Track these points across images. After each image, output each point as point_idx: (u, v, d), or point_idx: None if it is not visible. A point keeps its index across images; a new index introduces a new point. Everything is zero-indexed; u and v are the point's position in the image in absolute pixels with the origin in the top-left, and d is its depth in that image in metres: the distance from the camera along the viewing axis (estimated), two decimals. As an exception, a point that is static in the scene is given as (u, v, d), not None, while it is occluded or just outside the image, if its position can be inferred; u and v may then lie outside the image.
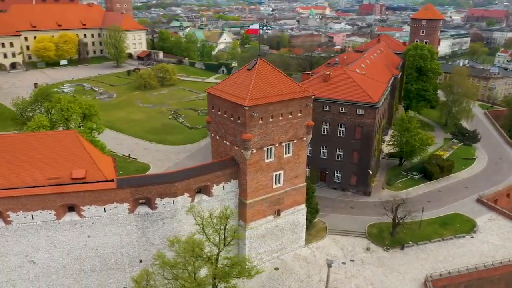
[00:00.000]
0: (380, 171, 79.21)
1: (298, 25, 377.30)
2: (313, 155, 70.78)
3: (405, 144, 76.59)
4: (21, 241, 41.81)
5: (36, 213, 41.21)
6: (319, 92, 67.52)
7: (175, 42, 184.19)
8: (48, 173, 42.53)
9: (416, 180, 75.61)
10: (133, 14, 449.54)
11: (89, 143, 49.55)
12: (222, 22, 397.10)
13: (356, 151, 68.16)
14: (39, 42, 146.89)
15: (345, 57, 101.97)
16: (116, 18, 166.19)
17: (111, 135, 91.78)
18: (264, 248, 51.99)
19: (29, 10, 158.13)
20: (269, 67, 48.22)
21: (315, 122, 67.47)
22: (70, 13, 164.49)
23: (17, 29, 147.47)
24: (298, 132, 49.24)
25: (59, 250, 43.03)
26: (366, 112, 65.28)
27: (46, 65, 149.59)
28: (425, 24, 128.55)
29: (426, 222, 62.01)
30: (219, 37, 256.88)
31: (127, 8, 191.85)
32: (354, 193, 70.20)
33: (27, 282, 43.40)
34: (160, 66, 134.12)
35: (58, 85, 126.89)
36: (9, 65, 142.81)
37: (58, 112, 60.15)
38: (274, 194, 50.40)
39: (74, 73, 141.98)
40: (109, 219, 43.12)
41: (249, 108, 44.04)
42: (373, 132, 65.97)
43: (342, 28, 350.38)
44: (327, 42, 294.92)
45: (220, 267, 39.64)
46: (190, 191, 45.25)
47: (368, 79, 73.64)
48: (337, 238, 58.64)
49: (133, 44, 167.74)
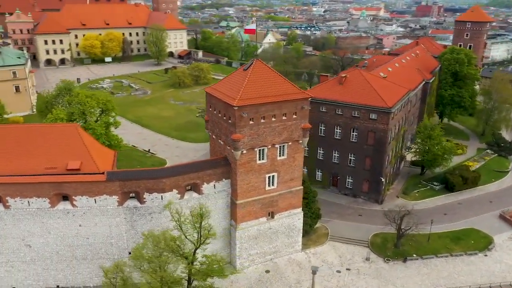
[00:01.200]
0: (399, 179, 76.01)
1: (348, 26, 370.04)
2: (325, 159, 69.48)
3: (427, 153, 72.91)
4: (18, 226, 44.58)
5: (32, 200, 43.75)
6: (332, 95, 66.39)
7: (216, 42, 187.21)
8: (46, 163, 45.02)
9: (436, 191, 71.72)
10: (186, 14, 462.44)
11: (90, 137, 51.66)
12: (271, 22, 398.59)
13: (369, 157, 65.90)
14: (86, 40, 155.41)
15: (374, 60, 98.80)
16: (160, 17, 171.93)
17: (137, 130, 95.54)
18: (256, 250, 51.65)
19: (80, 9, 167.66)
20: (265, 68, 47.86)
21: (328, 125, 66.87)
22: (118, 12, 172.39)
23: (69, 27, 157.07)
24: (293, 134, 48.45)
25: (53, 236, 45.40)
26: (379, 117, 62.93)
27: (92, 62, 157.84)
28: (469, 27, 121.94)
29: (437, 235, 58.74)
30: (263, 37, 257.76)
31: (172, 8, 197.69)
32: (365, 200, 67.91)
33: (24, 265, 46.19)
34: (195, 65, 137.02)
35: (99, 81, 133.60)
36: (59, 60, 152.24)
37: (76, 106, 63.25)
38: (267, 196, 49.93)
39: (116, 70, 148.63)
40: (99, 210, 44.86)
41: (238, 108, 43.99)
42: (386, 138, 63.42)
43: (393, 30, 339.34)
44: (375, 44, 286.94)
45: (197, 265, 39.89)
46: (179, 188, 45.96)
47: (387, 83, 70.87)
48: (338, 245, 57.02)
49: (175, 43, 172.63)
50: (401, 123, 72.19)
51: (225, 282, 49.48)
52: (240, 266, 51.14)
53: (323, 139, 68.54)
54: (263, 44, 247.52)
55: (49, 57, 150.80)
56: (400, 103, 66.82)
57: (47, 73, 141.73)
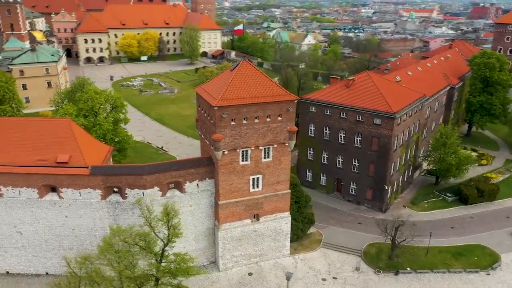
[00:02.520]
0: (410, 188, 72.67)
1: (394, 28, 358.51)
2: (329, 163, 67.88)
3: (441, 162, 69.12)
4: (10, 213, 47.16)
5: (22, 189, 46.14)
6: (337, 98, 64.78)
7: (251, 42, 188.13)
8: (38, 155, 47.18)
9: (448, 203, 67.85)
10: (232, 15, 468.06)
11: (83, 132, 53.47)
12: (316, 24, 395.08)
13: (373, 164, 63.54)
14: (124, 39, 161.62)
15: (398, 63, 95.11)
16: (196, 18, 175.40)
17: (155, 127, 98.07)
18: (240, 252, 51.33)
19: (121, 9, 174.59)
20: (252, 69, 47.47)
21: (332, 129, 65.30)
22: (156, 12, 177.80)
23: (109, 26, 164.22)
24: (278, 136, 47.67)
25: (42, 225, 47.60)
26: (384, 122, 60.50)
27: (129, 60, 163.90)
28: (511, 30, 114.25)
29: (437, 249, 55.58)
30: (303, 38, 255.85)
31: (210, 9, 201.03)
32: (368, 208, 65.53)
33: (17, 250, 48.78)
34: (223, 65, 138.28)
35: (131, 79, 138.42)
36: (97, 58, 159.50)
37: (85, 102, 65.85)
38: (251, 198, 49.48)
39: (150, 69, 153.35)
40: (83, 203, 46.49)
41: (218, 108, 43.98)
42: (390, 145, 60.83)
43: (442, 32, 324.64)
44: (421, 47, 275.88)
45: (164, 264, 40.15)
46: (161, 185, 46.65)
47: (399, 88, 67.98)
48: (329, 253, 55.42)
49: (209, 43, 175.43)
50: (413, 129, 68.94)
51: (206, 282, 49.80)
52: (223, 266, 51.06)
53: (328, 143, 66.98)
54: (302, 45, 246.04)
55: (88, 55, 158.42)
56: (409, 108, 63.80)
57: (85, 70, 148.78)
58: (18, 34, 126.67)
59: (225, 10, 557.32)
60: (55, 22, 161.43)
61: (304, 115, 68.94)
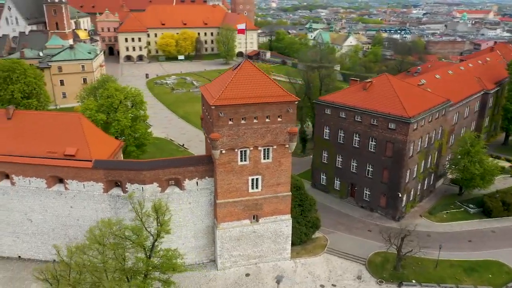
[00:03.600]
0: (431, 197, 69.31)
1: (444, 30, 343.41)
2: (343, 167, 66.19)
3: (464, 171, 65.37)
4: (21, 201, 49.85)
5: (32, 179, 48.65)
6: (353, 100, 63.15)
7: (288, 43, 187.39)
8: (49, 147, 49.53)
9: (470, 214, 64.05)
10: (277, 16, 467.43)
11: (94, 127, 55.40)
12: (362, 25, 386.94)
13: (386, 170, 61.24)
14: (162, 38, 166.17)
15: (429, 66, 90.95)
16: (233, 18, 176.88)
17: (181, 125, 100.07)
18: (239, 252, 51.16)
19: (162, 10, 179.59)
20: (253, 69, 47.30)
21: (347, 132, 63.73)
22: (195, 13, 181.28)
23: (149, 26, 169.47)
24: (278, 138, 47.04)
25: (50, 214, 49.93)
26: (398, 127, 58.11)
27: (166, 59, 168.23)
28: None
29: (449, 263, 52.64)
30: (344, 40, 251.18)
31: (249, 9, 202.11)
32: (382, 216, 63.21)
33: (27, 237, 51.49)
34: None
35: (165, 77, 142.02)
36: (136, 57, 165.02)
37: (105, 98, 68.30)
38: (250, 199, 49.19)
39: (185, 68, 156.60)
40: (87, 195, 48.26)
41: (216, 107, 44.11)
42: (405, 151, 58.32)
43: (497, 35, 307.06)
44: (471, 50, 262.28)
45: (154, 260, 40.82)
46: (160, 181, 47.48)
47: (420, 91, 64.97)
48: (332, 259, 53.98)
49: (245, 43, 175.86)
50: (435, 135, 65.66)
51: (203, 280, 50.14)
52: (221, 265, 51.14)
53: (342, 146, 65.32)
54: (343, 46, 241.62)
55: (128, 54, 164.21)
56: (428, 113, 60.82)
57: (123, 68, 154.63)
58: (62, 33, 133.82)
59: (270, 10, 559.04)
60: (99, 21, 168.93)
61: (319, 117, 67.67)
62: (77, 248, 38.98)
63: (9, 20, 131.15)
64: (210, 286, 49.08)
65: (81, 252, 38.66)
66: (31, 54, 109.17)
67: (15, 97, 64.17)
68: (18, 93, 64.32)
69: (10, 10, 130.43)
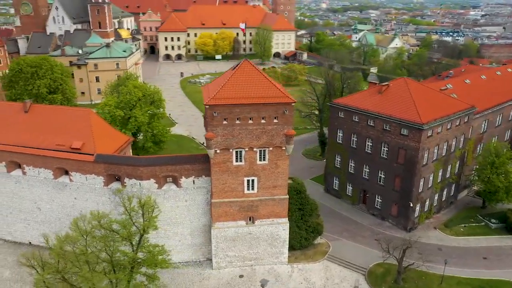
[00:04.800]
0: (451, 208, 65.50)
1: (502, 32, 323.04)
2: (355, 173, 64.12)
3: (487, 183, 61.18)
4: (31, 190, 52.54)
5: (41, 170, 51.13)
6: (366, 104, 61.20)
7: (328, 44, 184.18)
8: (58, 140, 51.85)
9: (491, 230, 59.87)
10: (326, 16, 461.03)
11: (103, 122, 57.24)
12: (413, 26, 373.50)
13: (399, 177, 58.60)
14: (201, 38, 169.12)
15: (463, 70, 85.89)
16: (271, 18, 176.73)
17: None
18: (235, 253, 50.91)
19: (203, 10, 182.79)
20: (251, 70, 46.82)
21: (360, 137, 61.81)
22: (235, 13, 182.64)
23: (189, 26, 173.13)
24: (274, 139, 46.29)
25: (56, 204, 52.25)
26: (411, 133, 55.38)
27: (204, 59, 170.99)
28: None
29: (456, 279, 49.46)
30: (390, 41, 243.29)
31: (290, 10, 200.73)
32: (393, 225, 60.55)
33: (37, 224, 54.15)
34: (288, 66, 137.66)
35: (199, 76, 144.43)
36: (175, 56, 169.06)
37: (124, 95, 70.50)
38: (246, 200, 48.79)
39: (221, 67, 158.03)
40: (89, 187, 50.00)
41: (210, 107, 44.20)
42: (417, 158, 55.45)
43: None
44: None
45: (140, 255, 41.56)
46: (157, 178, 48.24)
47: (441, 96, 61.40)
48: (332, 267, 52.34)
49: (282, 44, 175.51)
50: (456, 143, 61.91)
51: (197, 278, 50.41)
52: (216, 265, 51.14)
53: (355, 151, 63.26)
54: (388, 48, 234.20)
55: (167, 53, 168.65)
56: (446, 120, 57.42)
57: (162, 66, 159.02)
58: (104, 32, 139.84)
59: (319, 11, 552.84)
60: (142, 21, 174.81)
61: (333, 120, 65.94)
62: (65, 237, 40.36)
63: (56, 19, 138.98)
64: (203, 284, 49.25)
65: (66, 242, 39.85)
66: (71, 51, 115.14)
67: (40, 91, 67.89)
68: (44, 88, 67.93)
69: (57, 10, 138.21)
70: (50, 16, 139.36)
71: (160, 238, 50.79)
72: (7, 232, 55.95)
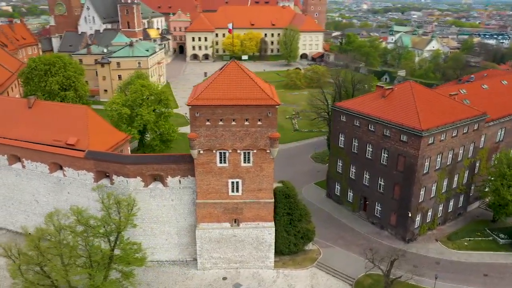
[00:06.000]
0: (458, 220, 62.13)
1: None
2: (356, 179, 62.14)
3: (496, 195, 57.50)
4: (30, 183, 54.56)
5: (38, 164, 52.97)
6: (369, 108, 59.33)
7: (358, 46, 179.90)
8: (56, 135, 53.54)
9: (499, 245, 56.22)
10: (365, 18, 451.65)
11: (101, 119, 58.38)
12: (455, 28, 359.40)
13: (398, 185, 56.18)
14: (228, 39, 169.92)
15: (485, 74, 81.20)
16: (300, 19, 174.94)
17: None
18: (220, 254, 50.55)
19: (232, 10, 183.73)
20: (238, 71, 46.39)
21: (360, 142, 59.97)
22: (264, 14, 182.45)
23: (218, 26, 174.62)
24: (258, 142, 45.55)
25: (52, 197, 53.94)
26: (410, 140, 52.92)
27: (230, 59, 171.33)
28: None
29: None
30: (426, 44, 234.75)
31: (321, 11, 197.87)
32: (391, 235, 58.11)
33: (35, 216, 56.05)
34: (311, 68, 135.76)
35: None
36: (202, 56, 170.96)
37: (132, 93, 71.88)
38: (230, 202, 48.33)
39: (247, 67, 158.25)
40: (80, 183, 51.27)
41: (192, 107, 44.13)
42: (416, 166, 52.91)
43: None
44: None
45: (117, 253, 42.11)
46: (143, 176, 48.72)
47: (449, 102, 58.24)
48: (319, 274, 50.87)
49: (310, 45, 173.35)
50: (464, 152, 58.56)
51: (181, 277, 50.48)
52: (201, 266, 51.00)
53: (356, 156, 61.30)
54: (424, 51, 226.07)
55: (194, 52, 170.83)
56: (450, 127, 54.39)
57: (188, 66, 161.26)
58: (132, 31, 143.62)
59: (359, 12, 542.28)
60: (172, 21, 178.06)
61: (335, 124, 64.22)
62: (37, 230, 41.36)
63: (87, 19, 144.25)
64: (185, 284, 49.24)
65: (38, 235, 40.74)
66: (97, 50, 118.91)
67: (52, 88, 70.55)
68: (56, 84, 70.53)
69: (88, 10, 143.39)
70: (82, 16, 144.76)
71: (147, 236, 51.59)
72: (10, 222, 58.39)
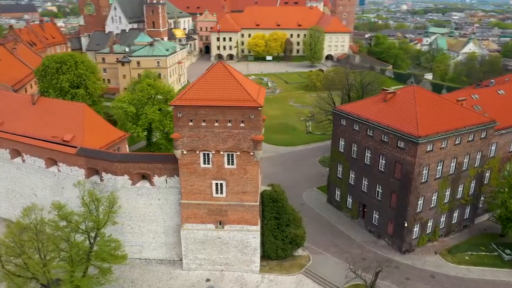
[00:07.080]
0: (463, 233, 58.92)
1: None
2: (355, 185, 60.21)
3: (503, 207, 54.06)
4: (29, 177, 56.40)
5: (36, 159, 54.68)
6: (368, 112, 57.59)
7: (387, 47, 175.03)
8: (54, 132, 55.06)
9: (503, 261, 52.77)
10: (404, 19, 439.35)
11: (99, 117, 59.54)
12: (498, 30, 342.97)
13: (395, 194, 53.88)
14: (253, 39, 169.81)
15: (507, 79, 76.51)
16: (326, 20, 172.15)
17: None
18: (204, 255, 50.25)
19: (258, 10, 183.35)
20: (223, 72, 45.67)
21: (360, 147, 58.28)
22: (291, 14, 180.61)
23: (244, 26, 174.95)
24: (241, 144, 44.87)
25: (48, 192, 55.51)
26: (407, 147, 50.62)
27: (254, 59, 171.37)
28: None
29: (437, 313, 44.26)
30: (463, 46, 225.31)
31: (349, 11, 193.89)
32: (388, 245, 55.83)
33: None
34: (333, 69, 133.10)
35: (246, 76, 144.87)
36: (227, 56, 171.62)
37: (138, 92, 72.88)
38: (214, 203, 47.91)
39: (269, 68, 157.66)
40: (73, 179, 52.33)
41: (175, 107, 44.11)
42: (413, 174, 50.52)
43: None
44: None
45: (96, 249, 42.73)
46: (131, 174, 49.19)
47: (455, 108, 55.24)
48: (305, 282, 49.52)
49: (335, 46, 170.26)
50: (469, 161, 55.39)
51: (165, 276, 50.61)
52: (186, 266, 50.92)
53: (355, 161, 59.41)
54: (460, 53, 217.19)
55: (219, 52, 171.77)
56: (453, 134, 51.54)
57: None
58: (157, 31, 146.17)
59: (397, 13, 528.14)
60: (199, 21, 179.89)
61: (336, 128, 62.47)
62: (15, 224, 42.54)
63: (114, 18, 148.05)
64: (169, 283, 49.29)
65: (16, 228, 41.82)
66: (119, 49, 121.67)
67: (63, 85, 72.72)
68: (66, 82, 72.64)
69: (115, 10, 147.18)
70: (109, 15, 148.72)
71: (135, 234, 52.16)
72: (13, 214, 60.52)
